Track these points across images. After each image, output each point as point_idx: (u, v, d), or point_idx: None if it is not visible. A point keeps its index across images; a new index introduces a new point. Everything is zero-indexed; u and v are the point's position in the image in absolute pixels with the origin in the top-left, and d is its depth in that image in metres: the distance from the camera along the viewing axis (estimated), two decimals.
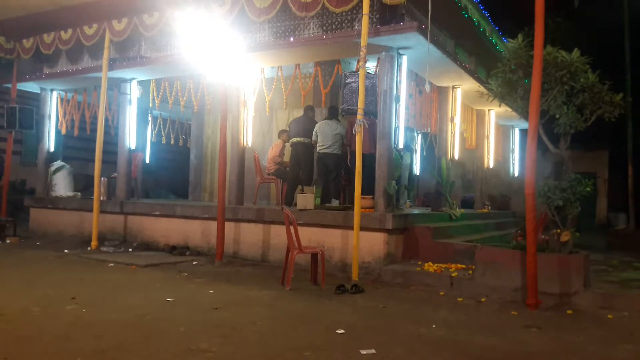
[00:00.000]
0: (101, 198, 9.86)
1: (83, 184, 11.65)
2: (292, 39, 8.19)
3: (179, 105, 10.29)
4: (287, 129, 9.48)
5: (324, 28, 8.05)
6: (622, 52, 12.71)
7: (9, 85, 11.60)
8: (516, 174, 14.07)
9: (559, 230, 6.17)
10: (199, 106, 10.49)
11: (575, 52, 6.52)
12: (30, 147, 13.56)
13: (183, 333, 4.27)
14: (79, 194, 11.25)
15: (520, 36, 6.97)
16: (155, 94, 10.49)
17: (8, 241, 10.01)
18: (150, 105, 10.77)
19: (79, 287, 5.95)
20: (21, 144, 13.89)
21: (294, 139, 8.99)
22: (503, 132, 14.11)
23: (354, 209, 6.93)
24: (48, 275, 6.80)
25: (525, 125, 13.42)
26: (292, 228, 6.36)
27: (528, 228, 5.59)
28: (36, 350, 3.71)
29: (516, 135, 14.46)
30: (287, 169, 9.37)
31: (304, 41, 8.05)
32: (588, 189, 6.07)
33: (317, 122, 8.91)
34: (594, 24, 16.19)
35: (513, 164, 14.37)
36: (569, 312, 5.39)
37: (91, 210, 9.49)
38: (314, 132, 8.69)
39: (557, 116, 6.72)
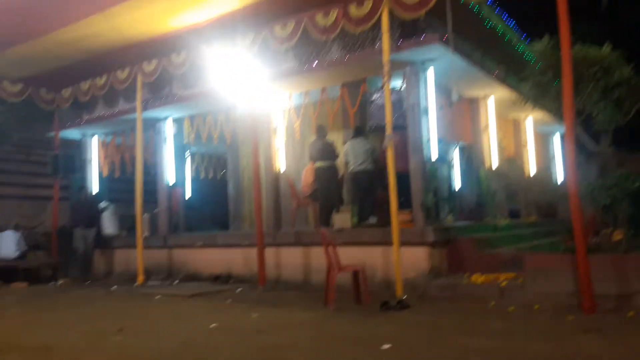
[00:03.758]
0: (145, 234, 10.05)
1: (129, 224, 11.89)
2: (315, 64, 8.27)
3: (213, 140, 10.48)
4: None
5: (347, 49, 8.10)
6: None
7: (52, 134, 12.11)
8: (560, 181, 13.64)
9: (609, 230, 5.90)
10: (232, 138, 10.67)
11: (606, 48, 6.34)
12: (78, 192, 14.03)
13: (226, 357, 4.23)
14: (124, 232, 11.51)
15: (546, 37, 6.85)
16: (189, 130, 10.75)
17: (60, 282, 10.28)
18: (186, 142, 11.03)
19: (125, 320, 6.00)
20: (68, 190, 14.38)
21: (316, 164, 8.96)
22: (543, 139, 13.77)
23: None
24: (96, 311, 6.93)
25: (563, 130, 13.06)
26: (330, 248, 6.30)
27: (575, 228, 5.35)
28: None
29: (556, 141, 14.08)
30: None
31: (327, 65, 8.12)
32: (636, 184, 5.80)
33: (331, 142, 8.94)
34: (622, 22, 15.80)
35: (556, 170, 13.96)
36: (630, 313, 5.07)
37: (136, 247, 9.67)
38: (344, 153, 8.67)
39: (595, 114, 6.52)
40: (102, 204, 11.55)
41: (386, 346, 4.28)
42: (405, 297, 6.30)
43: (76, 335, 5.29)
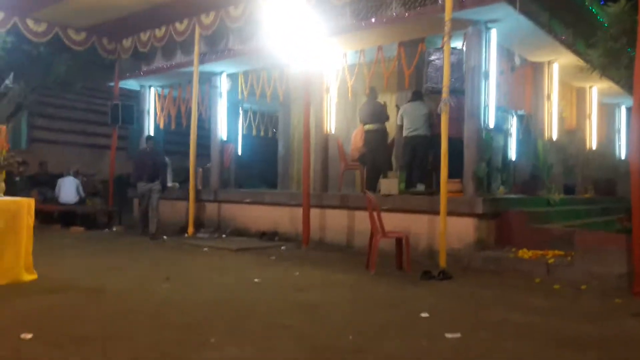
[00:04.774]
0: (197, 187, 10.34)
1: (183, 176, 12.26)
2: (373, 20, 8.04)
3: (266, 98, 10.51)
4: None
5: (406, 6, 7.81)
6: None
7: (112, 84, 12.49)
8: (623, 157, 12.95)
9: None
10: (284, 97, 10.67)
11: None
12: (134, 142, 14.56)
13: (267, 310, 4.36)
14: (177, 184, 11.87)
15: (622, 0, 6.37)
16: (243, 86, 10.81)
17: (114, 229, 10.82)
18: (239, 97, 11.12)
19: (173, 269, 6.28)
20: (126, 140, 14.94)
21: (366, 127, 8.84)
22: (607, 111, 13.03)
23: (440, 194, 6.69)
24: (146, 259, 7.25)
25: (631, 102, 12.28)
26: (375, 213, 6.28)
27: (634, 208, 5.09)
28: (129, 323, 3.94)
29: (622, 113, 13.31)
30: None
31: (385, 21, 7.88)
32: None
33: (382, 104, 8.75)
34: None
35: (619, 145, 13.25)
36: None
37: (188, 199, 9.98)
38: (398, 116, 8.52)
39: None
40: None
41: (424, 314, 4.28)
42: (447, 268, 6.23)
43: (127, 279, 5.58)
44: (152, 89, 12.58)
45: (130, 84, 12.64)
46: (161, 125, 12.49)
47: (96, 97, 14.82)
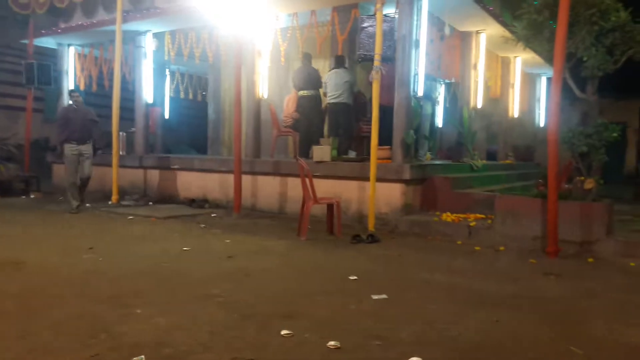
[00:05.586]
0: (120, 153, 9.91)
1: (105, 141, 11.71)
2: None
3: (194, 59, 10.12)
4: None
5: None
6: None
7: (26, 42, 11.57)
8: (542, 124, 13.69)
9: (582, 178, 5.97)
10: (214, 59, 10.32)
11: None
12: (52, 104, 13.64)
13: (197, 280, 4.30)
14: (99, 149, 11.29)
15: None
16: (170, 47, 10.34)
17: (32, 196, 10.22)
18: (166, 58, 10.64)
19: (97, 238, 6.03)
20: (42, 102, 13.99)
21: (300, 93, 8.82)
22: (529, 81, 13.65)
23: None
24: (68, 228, 6.92)
25: (551, 73, 12.90)
26: (307, 180, 6.30)
27: (550, 175, 5.42)
28: (51, 296, 3.76)
29: (543, 83, 14.00)
30: None
31: None
32: (615, 134, 5.82)
33: (317, 70, 8.74)
34: None
35: (539, 114, 13.98)
36: (589, 260, 5.27)
37: (111, 165, 9.56)
38: (323, 83, 8.55)
39: (585, 58, 6.40)
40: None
41: (353, 277, 4.39)
42: (376, 231, 6.40)
43: (47, 250, 5.31)
44: (72, 47, 11.77)
45: (47, 41, 11.75)
46: (81, 87, 11.76)
47: (8, 55, 13.70)
